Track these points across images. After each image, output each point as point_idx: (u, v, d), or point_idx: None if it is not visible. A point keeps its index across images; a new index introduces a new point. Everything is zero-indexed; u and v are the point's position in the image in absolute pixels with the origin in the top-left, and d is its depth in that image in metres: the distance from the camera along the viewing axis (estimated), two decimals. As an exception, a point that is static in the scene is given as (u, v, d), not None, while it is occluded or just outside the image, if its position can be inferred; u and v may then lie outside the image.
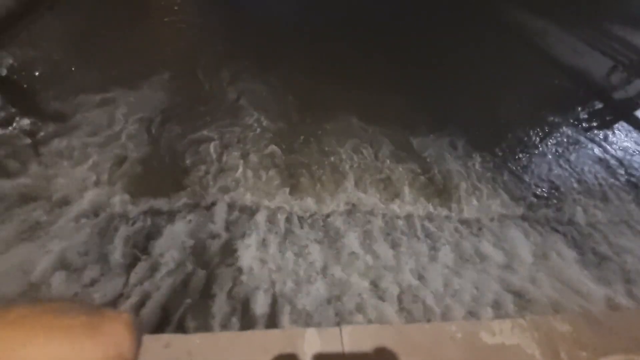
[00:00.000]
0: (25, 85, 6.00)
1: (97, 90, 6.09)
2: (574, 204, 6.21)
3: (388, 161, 6.15)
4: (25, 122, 5.28)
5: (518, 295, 4.54)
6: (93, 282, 3.73)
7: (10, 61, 6.36)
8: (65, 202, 4.37)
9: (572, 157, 7.44)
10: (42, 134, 5.16)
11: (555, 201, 6.21)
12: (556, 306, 4.50)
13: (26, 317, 0.65)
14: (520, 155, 7.16)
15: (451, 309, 4.22)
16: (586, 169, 7.21)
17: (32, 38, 7.02)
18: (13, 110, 5.45)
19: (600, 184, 6.87)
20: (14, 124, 5.22)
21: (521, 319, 2.83)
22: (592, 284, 4.91)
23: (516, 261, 4.96)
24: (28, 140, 5.01)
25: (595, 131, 8.57)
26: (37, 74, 6.27)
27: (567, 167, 7.14)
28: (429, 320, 4.04)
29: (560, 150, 7.59)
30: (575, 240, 5.58)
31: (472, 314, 4.24)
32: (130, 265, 3.94)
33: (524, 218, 5.65)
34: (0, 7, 7.22)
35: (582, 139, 8.15)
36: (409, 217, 5.21)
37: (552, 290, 4.68)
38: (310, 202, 5.07)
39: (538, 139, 7.80)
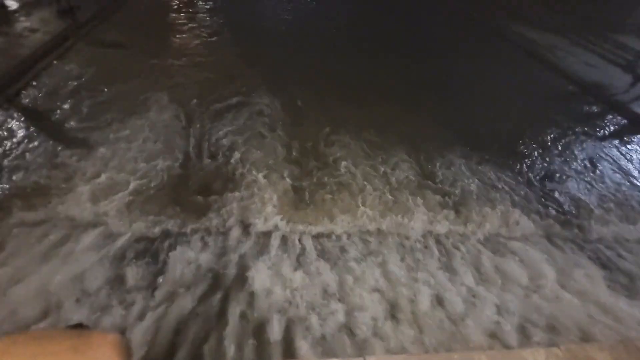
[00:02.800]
0: (50, 115, 6.26)
1: (115, 118, 6.31)
2: (600, 220, 5.94)
3: (403, 179, 6.06)
4: (46, 148, 5.49)
5: (544, 319, 4.29)
6: (107, 307, 3.72)
7: (39, 93, 6.70)
8: (82, 226, 4.43)
9: (594, 172, 7.19)
10: (63, 159, 5.33)
11: (579, 218, 5.96)
12: (587, 331, 4.22)
13: (12, 347, 0.66)
14: (540, 171, 6.96)
15: (473, 334, 4.01)
16: (610, 183, 6.95)
17: (57, 72, 7.42)
18: (38, 138, 5.68)
19: (626, 199, 6.59)
20: (38, 151, 5.43)
21: (556, 347, 2.64)
22: (624, 306, 4.61)
23: (540, 282, 4.72)
24: (50, 166, 5.18)
25: (616, 144, 8.33)
26: (62, 104, 6.56)
27: (589, 182, 6.90)
28: (450, 349, 3.85)
29: (581, 165, 7.36)
30: (603, 259, 5.30)
31: (495, 339, 4.02)
32: (144, 289, 3.92)
33: (546, 236, 5.43)
34: (30, 45, 7.69)
35: (603, 153, 7.91)
36: (425, 236, 5.07)
37: (581, 314, 4.40)
38: (324, 224, 5.00)
39: (558, 154, 7.60)
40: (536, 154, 7.47)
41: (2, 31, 7.94)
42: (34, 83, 6.90)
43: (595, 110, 9.70)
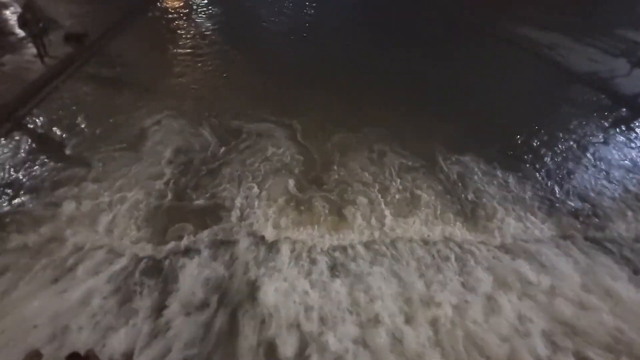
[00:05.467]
0: (55, 137, 6.29)
1: (120, 139, 6.31)
2: (619, 218, 5.72)
3: (416, 186, 5.92)
4: (51, 170, 5.50)
5: (569, 324, 4.08)
6: (116, 327, 3.62)
7: (46, 116, 6.80)
8: (87, 247, 4.37)
9: (609, 169, 6.98)
10: (67, 181, 5.34)
11: (598, 217, 5.74)
12: (617, 335, 3.99)
13: None
14: (555, 172, 6.76)
15: (494, 343, 3.82)
16: (626, 179, 6.71)
17: (63, 95, 7.52)
18: (44, 159, 5.72)
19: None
20: (43, 173, 5.45)
21: None
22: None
23: (563, 285, 4.51)
24: (54, 187, 5.19)
25: (629, 138, 8.10)
26: (67, 126, 6.60)
27: (605, 179, 6.67)
28: None
29: (595, 162, 7.15)
30: (627, 258, 5.05)
31: (516, 346, 3.81)
32: (154, 308, 3.83)
33: (565, 237, 5.23)
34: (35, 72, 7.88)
35: (616, 148, 7.68)
36: (441, 243, 4.91)
37: (609, 316, 4.17)
38: (332, 235, 4.88)
39: (570, 152, 7.40)
40: (548, 152, 7.29)
41: (12, 57, 8.15)
42: (41, 106, 7.00)
43: (604, 105, 9.47)
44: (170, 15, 13.11)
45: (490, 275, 4.52)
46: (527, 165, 6.81)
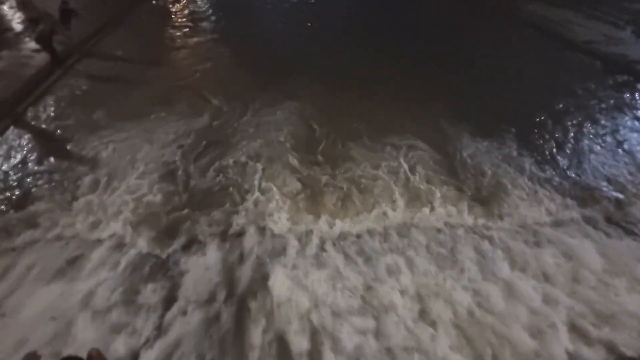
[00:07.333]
0: (55, 133, 6.17)
1: (120, 132, 6.14)
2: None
3: (428, 169, 5.68)
4: (51, 164, 5.39)
5: (595, 311, 3.86)
6: (121, 324, 3.50)
7: (44, 111, 6.68)
8: (90, 242, 4.26)
9: (629, 145, 6.62)
10: (68, 175, 5.23)
11: (619, 197, 5.44)
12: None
13: None
14: (573, 151, 6.43)
15: (515, 331, 3.63)
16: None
17: (60, 89, 7.38)
18: (44, 156, 5.61)
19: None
20: (41, 167, 5.34)
21: None
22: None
23: (585, 271, 4.27)
24: (55, 182, 5.08)
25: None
26: (66, 121, 6.45)
27: (625, 156, 6.33)
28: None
29: (614, 139, 6.79)
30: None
31: (541, 337, 3.62)
32: (161, 303, 3.70)
33: (586, 220, 4.97)
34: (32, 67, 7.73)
35: (631, 125, 7.30)
36: (457, 228, 4.69)
37: (636, 301, 3.95)
38: (342, 223, 4.68)
39: (588, 130, 7.03)
40: (564, 131, 6.94)
41: (8, 53, 8.01)
42: (40, 102, 6.86)
43: (618, 81, 9.00)
44: (169, 4, 12.82)
45: (509, 260, 4.30)
46: (544, 145, 6.50)
